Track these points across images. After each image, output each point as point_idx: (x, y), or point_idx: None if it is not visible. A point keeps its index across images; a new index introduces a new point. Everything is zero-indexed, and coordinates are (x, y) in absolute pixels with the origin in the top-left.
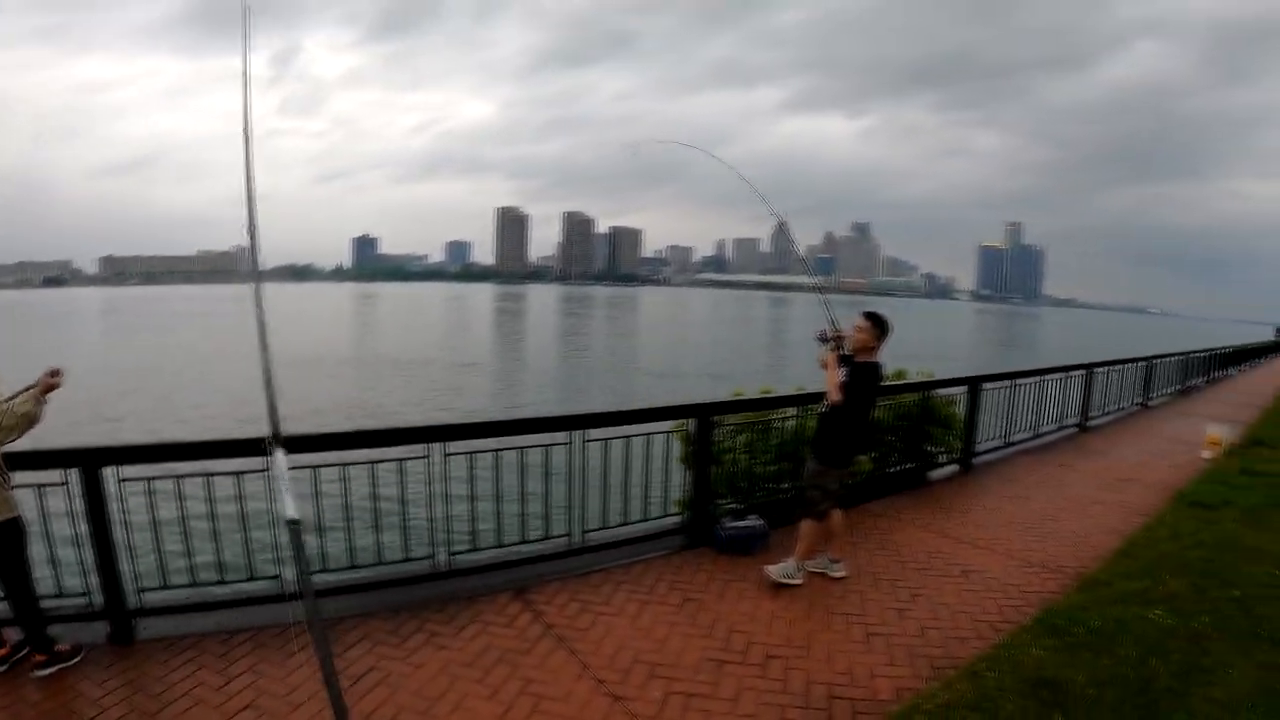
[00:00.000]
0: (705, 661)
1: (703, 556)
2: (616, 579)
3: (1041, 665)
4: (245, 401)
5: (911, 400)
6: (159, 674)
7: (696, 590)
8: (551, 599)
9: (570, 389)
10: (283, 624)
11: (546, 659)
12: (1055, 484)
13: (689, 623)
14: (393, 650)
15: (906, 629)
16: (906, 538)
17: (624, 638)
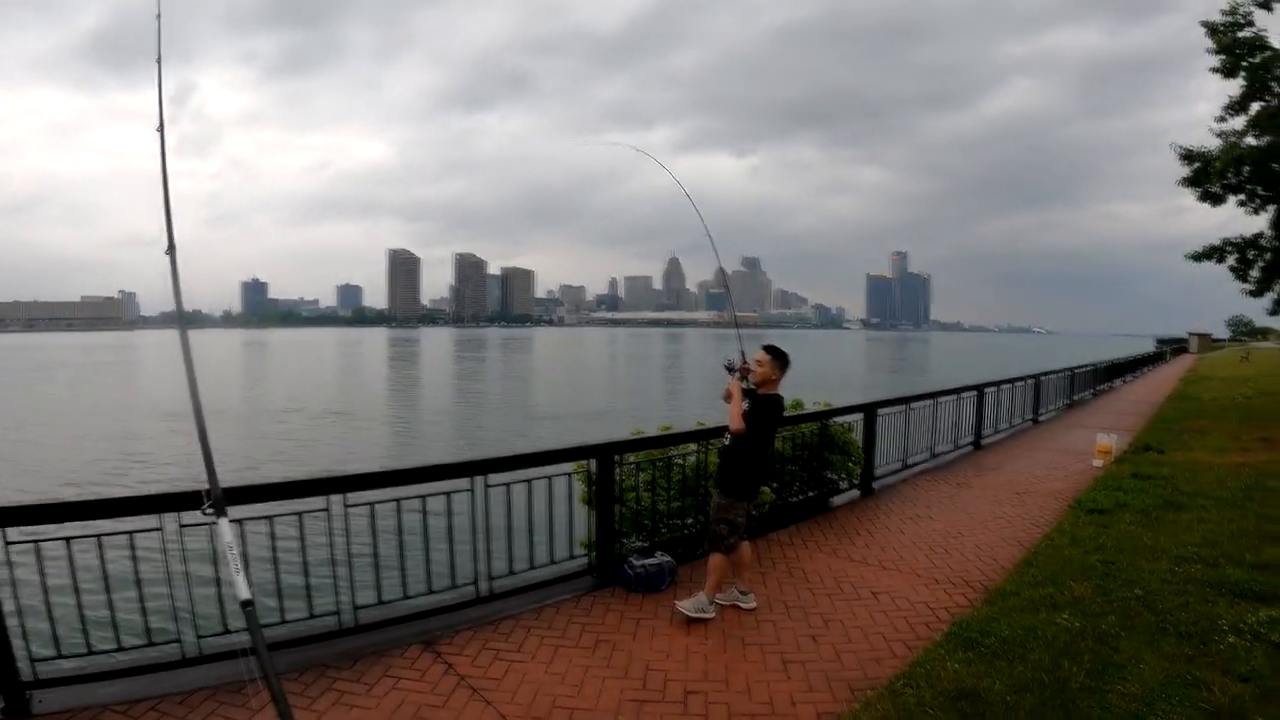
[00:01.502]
0: (624, 703)
1: (613, 596)
2: (527, 624)
3: (958, 678)
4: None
5: (810, 430)
6: None
7: (609, 631)
8: (462, 649)
9: (468, 434)
10: (185, 690)
11: (461, 712)
12: (955, 502)
13: (604, 664)
14: (303, 713)
15: (822, 654)
16: (814, 565)
17: (539, 684)
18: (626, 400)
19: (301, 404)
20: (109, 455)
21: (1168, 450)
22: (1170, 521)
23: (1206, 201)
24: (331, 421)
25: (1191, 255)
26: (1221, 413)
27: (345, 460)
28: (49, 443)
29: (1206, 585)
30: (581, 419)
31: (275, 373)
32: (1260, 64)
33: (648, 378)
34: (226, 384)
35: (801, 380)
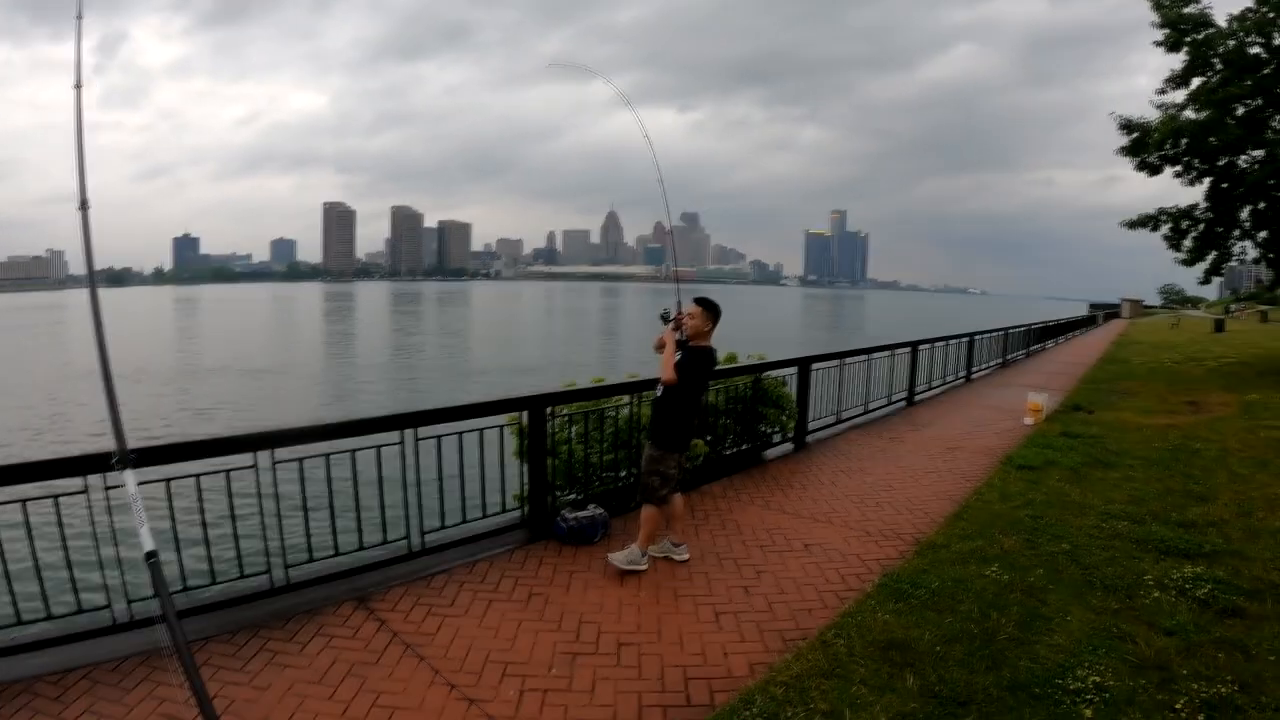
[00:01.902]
0: (557, 655)
1: (545, 550)
2: (460, 579)
3: (889, 628)
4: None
5: (744, 382)
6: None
7: (542, 584)
8: (395, 605)
9: (403, 389)
10: (117, 658)
11: (396, 668)
12: (888, 456)
13: (537, 618)
14: (235, 675)
15: (754, 605)
16: (747, 517)
17: (473, 638)
18: (561, 354)
19: (232, 362)
20: (36, 419)
21: (1097, 410)
22: (1098, 479)
23: (1144, 171)
24: (263, 379)
25: (1126, 223)
26: (1150, 376)
27: (277, 419)
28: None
29: (1133, 542)
30: (516, 373)
31: (206, 330)
32: (1204, 40)
33: (583, 332)
34: (156, 342)
35: (737, 335)
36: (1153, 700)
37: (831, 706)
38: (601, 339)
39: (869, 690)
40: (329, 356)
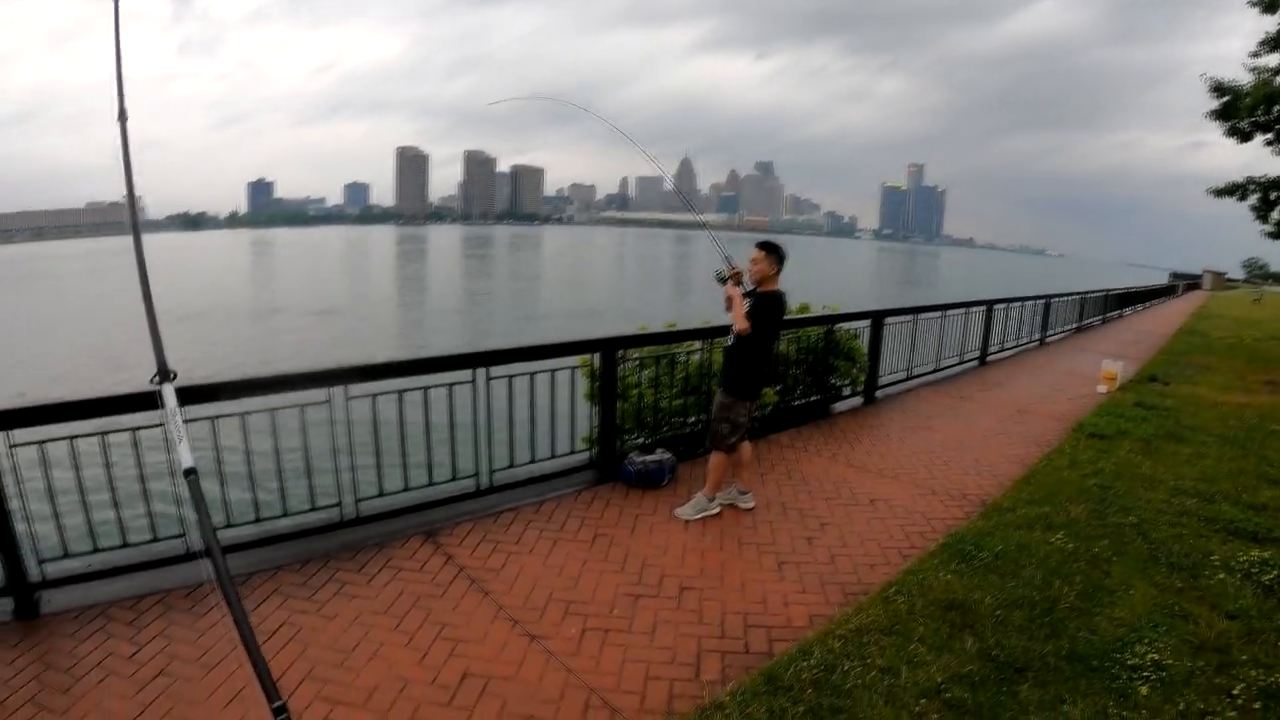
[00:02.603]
0: (620, 596)
1: (612, 492)
2: (526, 518)
3: (950, 588)
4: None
5: (816, 334)
6: (68, 647)
7: (607, 526)
8: (462, 541)
9: (473, 331)
10: (190, 584)
11: (461, 601)
12: (957, 415)
13: (601, 558)
14: (304, 603)
15: (817, 557)
16: (813, 469)
17: (537, 576)
18: (631, 300)
19: (303, 303)
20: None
21: (1173, 383)
22: (1170, 453)
23: (1233, 137)
24: (333, 320)
25: (1214, 190)
26: (1229, 351)
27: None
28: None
29: (1201, 520)
30: (585, 317)
31: (281, 272)
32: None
33: (654, 278)
34: (233, 284)
35: (810, 287)
36: (1210, 683)
37: (889, 663)
38: (672, 286)
39: (927, 649)
40: (400, 298)
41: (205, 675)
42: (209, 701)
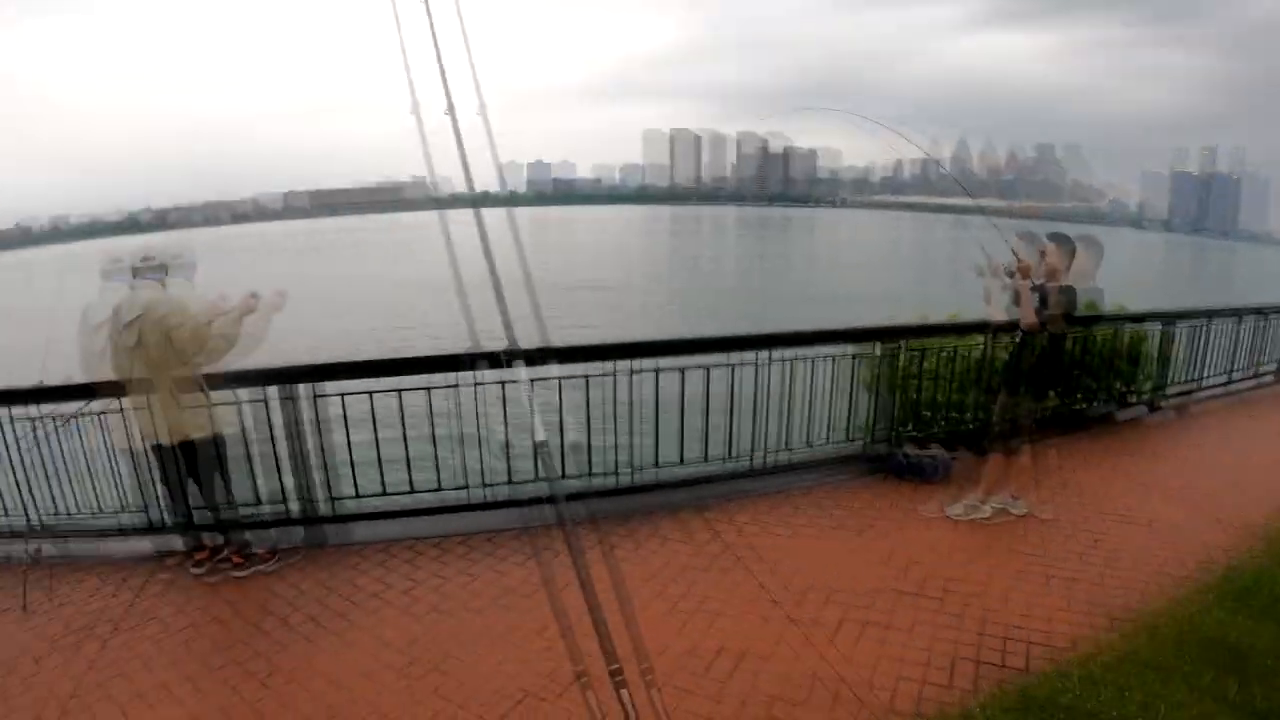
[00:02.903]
0: (882, 590)
1: (883, 484)
2: (796, 502)
3: (1222, 628)
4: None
5: (1102, 334)
6: (349, 576)
7: (876, 518)
8: (731, 519)
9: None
10: (466, 533)
11: (724, 577)
12: (1254, 435)
13: (867, 550)
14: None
15: (1086, 574)
16: (1090, 480)
17: (802, 561)
18: (905, 286)
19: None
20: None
21: None
22: None
23: None
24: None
25: None
26: None
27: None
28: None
29: None
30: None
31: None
32: None
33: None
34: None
35: None
36: None
37: (1147, 699)
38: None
39: (1188, 691)
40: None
41: (474, 617)
42: (475, 641)
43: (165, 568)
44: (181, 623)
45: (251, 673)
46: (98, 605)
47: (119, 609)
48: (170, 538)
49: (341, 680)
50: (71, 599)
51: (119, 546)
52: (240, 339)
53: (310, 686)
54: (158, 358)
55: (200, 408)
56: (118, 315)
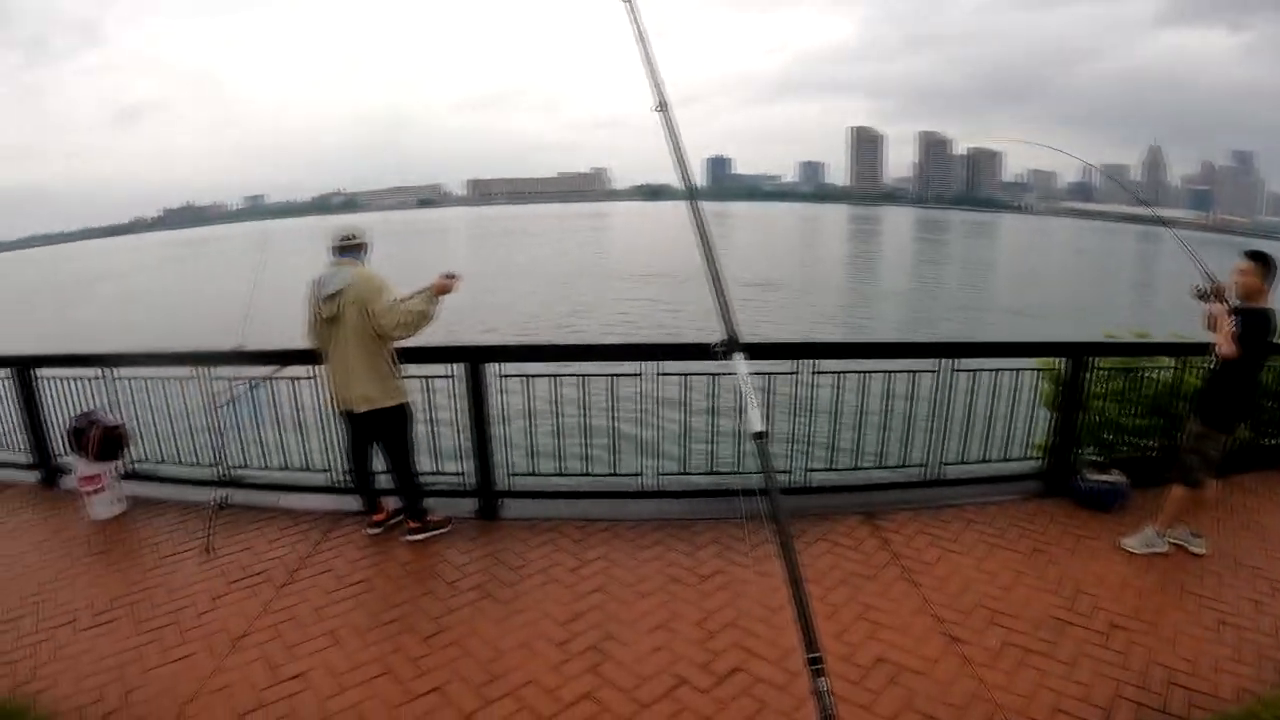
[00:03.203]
0: (1048, 618)
1: (1057, 507)
2: (967, 517)
3: None
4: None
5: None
6: (518, 549)
7: (1048, 542)
8: (901, 528)
9: (916, 317)
10: (637, 519)
11: (889, 588)
12: None
13: (1036, 575)
14: (741, 557)
15: (1261, 625)
16: (1277, 523)
17: (969, 579)
18: (1089, 301)
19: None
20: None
21: None
22: None
23: None
24: (776, 293)
25: None
26: None
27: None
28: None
29: None
30: (1036, 315)
31: (731, 243)
32: None
33: (1115, 279)
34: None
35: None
36: None
37: None
38: (1135, 290)
39: None
40: (850, 277)
41: (636, 601)
42: (635, 624)
43: (343, 525)
44: (354, 577)
45: (416, 630)
46: (276, 553)
47: (295, 559)
48: (349, 498)
49: (501, 648)
50: (252, 545)
51: (300, 501)
52: (434, 317)
53: (471, 650)
54: (354, 330)
55: (390, 379)
56: (319, 288)
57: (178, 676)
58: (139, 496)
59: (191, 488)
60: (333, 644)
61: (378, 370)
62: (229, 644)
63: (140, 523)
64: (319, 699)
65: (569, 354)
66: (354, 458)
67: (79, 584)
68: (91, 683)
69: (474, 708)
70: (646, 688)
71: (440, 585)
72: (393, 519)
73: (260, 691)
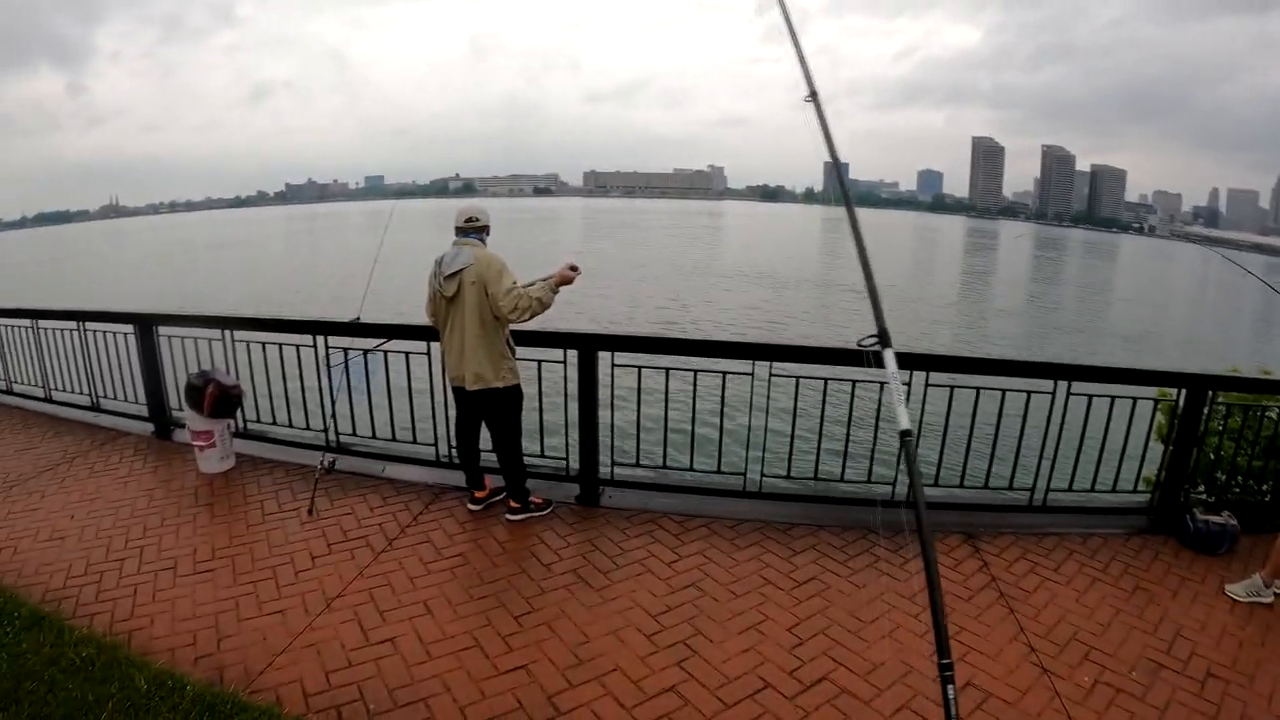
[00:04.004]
0: (1143, 660)
1: (1163, 545)
2: (1070, 546)
3: None
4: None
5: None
6: (615, 538)
7: (1150, 581)
8: (1002, 552)
9: (1029, 338)
10: (736, 519)
11: (985, 612)
12: None
13: (1135, 614)
14: (838, 566)
15: None
16: None
17: (1066, 610)
18: (1213, 333)
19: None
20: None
21: None
22: None
23: None
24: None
25: None
26: None
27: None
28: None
29: None
30: (1151, 343)
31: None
32: None
33: (1238, 313)
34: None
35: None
36: None
37: None
38: (1260, 325)
39: None
40: (959, 290)
41: (729, 601)
42: (726, 623)
43: (444, 500)
44: (452, 550)
45: (508, 608)
46: (377, 520)
47: (395, 527)
48: (453, 473)
49: (590, 634)
50: (354, 511)
51: (404, 472)
52: (550, 305)
53: (560, 632)
54: (472, 310)
55: (504, 361)
56: (440, 267)
57: (271, 629)
58: (248, 455)
59: (299, 450)
60: (425, 613)
61: (493, 351)
62: (323, 603)
63: (247, 480)
64: (406, 665)
65: (683, 348)
66: (462, 434)
67: (183, 532)
68: (186, 626)
69: (558, 689)
70: (731, 688)
71: (535, 566)
72: (494, 497)
73: (349, 651)
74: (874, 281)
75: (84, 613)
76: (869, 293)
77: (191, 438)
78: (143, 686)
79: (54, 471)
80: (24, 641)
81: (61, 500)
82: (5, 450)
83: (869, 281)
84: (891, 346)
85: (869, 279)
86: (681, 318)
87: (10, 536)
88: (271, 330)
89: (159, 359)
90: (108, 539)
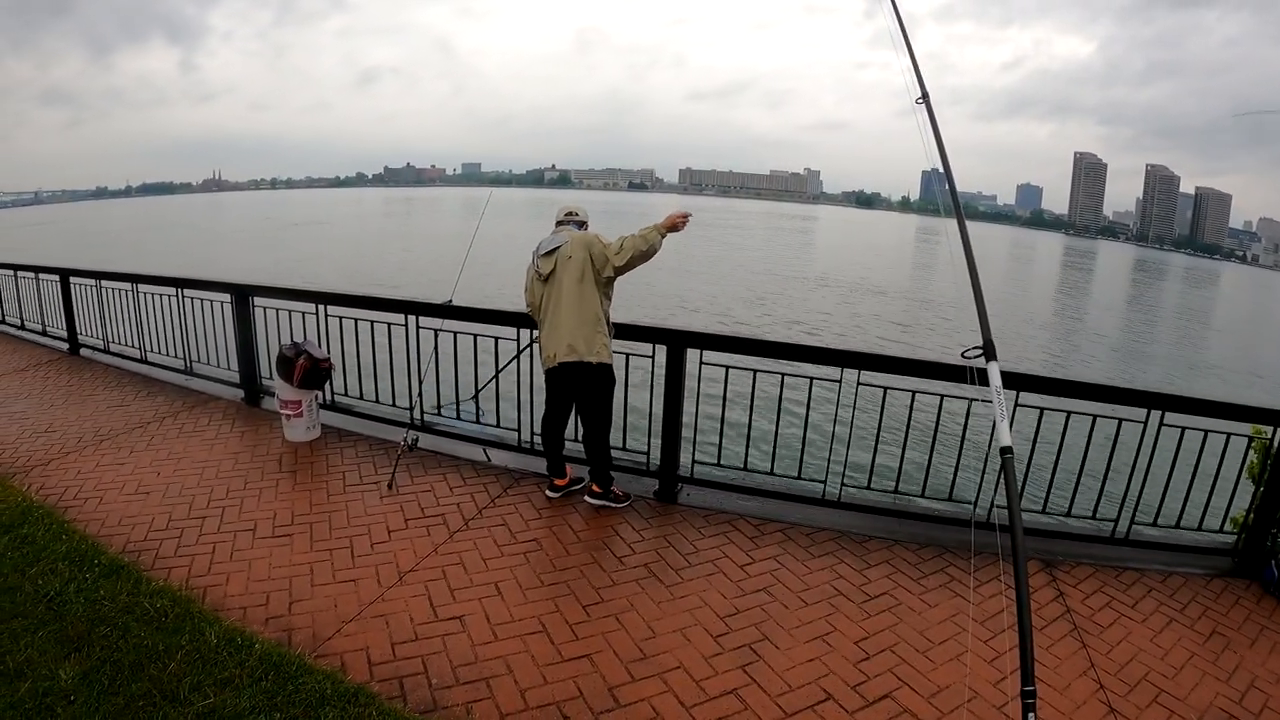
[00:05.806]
0: (1213, 708)
1: (1246, 591)
2: (1149, 583)
3: None
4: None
5: None
6: (690, 536)
7: (1228, 627)
8: (1079, 583)
9: (1121, 364)
10: (814, 527)
11: (1056, 643)
12: None
13: (1210, 660)
14: (911, 583)
15: None
16: None
17: (1139, 649)
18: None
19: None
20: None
21: None
22: None
23: None
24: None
25: None
26: None
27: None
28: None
29: None
30: (1250, 376)
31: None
32: None
33: None
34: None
35: None
36: None
37: None
38: None
39: None
40: (1051, 310)
41: (798, 609)
42: (794, 631)
43: (522, 485)
44: (527, 535)
45: (577, 596)
46: (455, 500)
47: (473, 508)
48: (534, 459)
49: (657, 629)
50: (433, 489)
51: (486, 454)
52: (658, 249)
53: (627, 625)
54: (572, 281)
55: (600, 335)
56: (538, 249)
57: (342, 597)
58: (333, 427)
59: (384, 426)
60: (495, 594)
61: (589, 323)
62: (396, 576)
63: (331, 451)
64: (472, 644)
65: (772, 350)
66: (549, 420)
67: (265, 497)
68: (260, 587)
69: (620, 681)
70: (792, 696)
71: (608, 557)
72: (573, 486)
73: (418, 625)
74: (981, 293)
75: (162, 566)
76: (976, 304)
77: (280, 406)
78: (212, 641)
79: (144, 429)
80: (101, 588)
81: (150, 457)
82: (99, 406)
83: (976, 292)
84: (997, 360)
85: (977, 290)
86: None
87: (97, 487)
88: (364, 307)
89: (253, 328)
90: (191, 497)
